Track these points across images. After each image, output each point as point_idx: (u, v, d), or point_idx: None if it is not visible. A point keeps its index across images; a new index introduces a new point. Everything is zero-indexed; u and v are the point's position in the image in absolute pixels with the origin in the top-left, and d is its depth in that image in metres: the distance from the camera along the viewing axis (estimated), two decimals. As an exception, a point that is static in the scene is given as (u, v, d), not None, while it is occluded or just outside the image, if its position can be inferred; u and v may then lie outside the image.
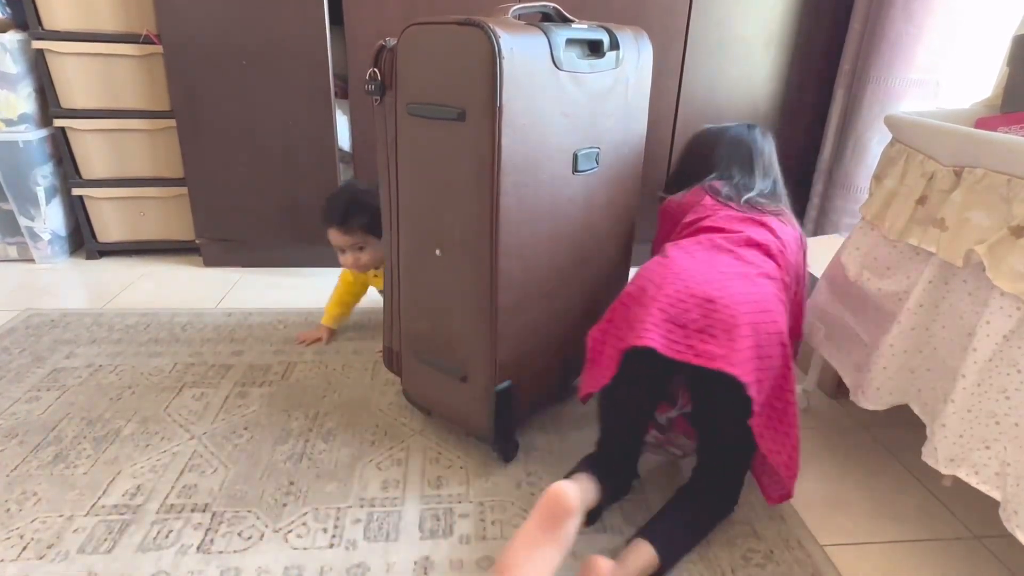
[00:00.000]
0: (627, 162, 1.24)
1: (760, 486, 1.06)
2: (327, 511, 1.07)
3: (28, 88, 1.90)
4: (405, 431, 1.29)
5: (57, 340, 1.58)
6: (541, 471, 1.19)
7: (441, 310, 1.13)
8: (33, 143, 1.92)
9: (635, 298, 0.95)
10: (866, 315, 1.18)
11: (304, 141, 1.92)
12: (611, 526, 1.06)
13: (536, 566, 0.78)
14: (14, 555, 0.96)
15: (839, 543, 1.06)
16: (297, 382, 1.45)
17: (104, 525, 1.02)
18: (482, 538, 1.03)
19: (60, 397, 1.34)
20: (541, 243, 1.09)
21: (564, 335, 1.24)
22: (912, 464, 1.25)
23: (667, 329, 0.88)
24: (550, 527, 0.81)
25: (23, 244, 2.04)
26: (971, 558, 1.05)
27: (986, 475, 0.91)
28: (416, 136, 1.04)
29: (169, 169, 2.05)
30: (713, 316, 0.87)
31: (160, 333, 1.63)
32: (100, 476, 1.13)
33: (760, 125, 1.33)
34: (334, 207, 1.44)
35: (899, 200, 1.08)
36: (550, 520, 0.82)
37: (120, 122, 1.97)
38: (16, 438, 1.21)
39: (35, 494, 1.08)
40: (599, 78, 1.09)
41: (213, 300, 1.86)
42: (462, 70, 0.94)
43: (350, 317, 1.69)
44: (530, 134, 0.99)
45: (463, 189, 1.00)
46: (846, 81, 2.01)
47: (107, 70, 1.90)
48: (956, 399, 0.92)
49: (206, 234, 2.05)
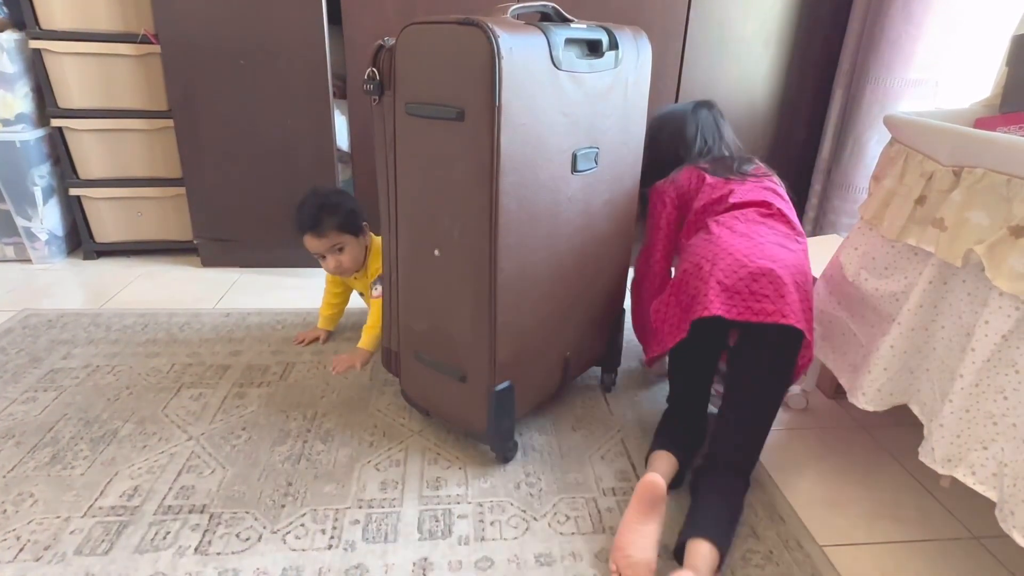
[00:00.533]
0: (626, 162, 1.24)
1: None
2: (325, 512, 1.07)
3: (25, 88, 1.90)
4: (404, 432, 1.29)
5: (54, 340, 1.57)
6: (540, 472, 1.18)
7: (440, 310, 1.13)
8: (30, 143, 1.92)
9: (692, 274, 1.12)
10: (863, 316, 1.18)
11: (302, 141, 1.92)
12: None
13: (644, 541, 0.96)
14: (10, 557, 0.95)
15: (838, 543, 1.06)
16: (295, 382, 1.44)
17: (101, 526, 1.02)
18: (481, 539, 1.03)
19: (57, 398, 1.34)
20: (540, 243, 1.09)
21: (564, 335, 1.24)
22: (911, 465, 1.25)
23: (727, 296, 1.06)
24: (647, 510, 0.98)
25: (20, 244, 2.04)
26: (970, 558, 1.05)
27: (983, 475, 0.91)
28: (415, 136, 1.04)
29: (167, 169, 2.05)
30: (762, 280, 1.06)
31: (158, 333, 1.62)
32: (97, 477, 1.12)
33: (707, 100, 1.43)
34: (304, 213, 1.43)
35: (898, 200, 1.08)
36: (647, 505, 0.98)
37: (117, 122, 1.96)
38: (13, 439, 1.21)
39: (32, 495, 1.07)
40: (598, 78, 1.09)
41: (211, 300, 1.86)
42: (461, 69, 0.94)
43: (348, 318, 1.69)
44: (529, 134, 0.99)
45: (462, 189, 1.00)
46: (845, 81, 2.01)
47: (105, 70, 1.90)
48: (954, 399, 0.92)
49: (204, 234, 2.05)
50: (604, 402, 1.42)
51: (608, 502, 1.12)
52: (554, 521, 1.07)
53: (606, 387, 1.46)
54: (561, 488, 1.15)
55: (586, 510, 1.10)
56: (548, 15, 1.08)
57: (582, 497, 1.13)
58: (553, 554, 1.00)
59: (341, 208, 1.44)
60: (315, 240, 1.44)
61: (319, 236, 1.43)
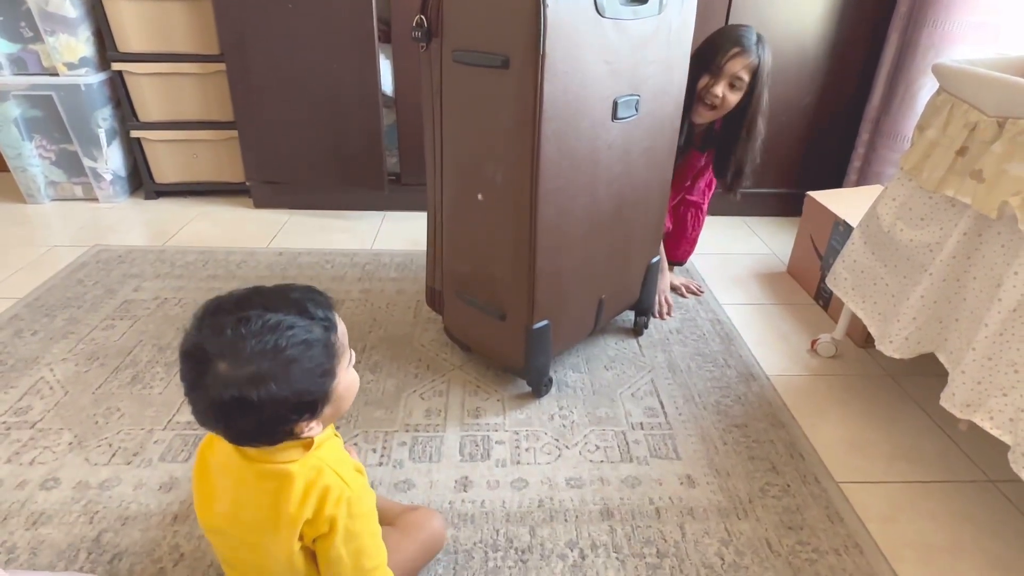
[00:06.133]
0: (666, 110, 1.25)
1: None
2: (376, 434, 1.17)
3: (87, 32, 1.98)
4: (446, 365, 1.38)
5: (125, 274, 1.70)
6: (572, 405, 1.26)
7: (482, 252, 1.19)
8: (93, 86, 2.01)
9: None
10: (896, 266, 1.19)
11: (348, 85, 1.96)
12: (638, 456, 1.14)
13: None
14: (105, 460, 1.09)
15: (854, 481, 1.12)
16: (345, 318, 1.50)
17: (180, 439, 1.14)
18: (516, 463, 1.12)
19: (132, 326, 1.47)
20: (580, 189, 1.13)
21: (600, 278, 1.29)
22: (935, 412, 1.29)
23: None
24: None
25: (87, 184, 2.16)
26: (983, 499, 1.09)
27: (1000, 420, 0.95)
28: (461, 83, 1.07)
29: (220, 112, 2.13)
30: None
31: (217, 270, 1.74)
32: (173, 397, 1.25)
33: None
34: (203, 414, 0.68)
35: (939, 151, 1.08)
36: None
37: (173, 66, 2.03)
38: (98, 360, 1.34)
39: (119, 410, 1.21)
40: (641, 24, 1.10)
41: (264, 240, 1.96)
42: (506, 17, 0.96)
43: (393, 259, 1.76)
44: (571, 82, 1.01)
45: (505, 135, 1.04)
46: (901, 24, 1.93)
47: (160, 12, 1.96)
48: (977, 347, 0.95)
49: (255, 176, 2.14)
50: (636, 344, 1.48)
51: (636, 435, 1.19)
52: (584, 450, 1.15)
53: (638, 331, 1.52)
54: (592, 421, 1.23)
55: (615, 442, 1.18)
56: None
57: (612, 430, 1.20)
58: (583, 478, 1.09)
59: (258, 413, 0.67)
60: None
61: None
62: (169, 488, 1.04)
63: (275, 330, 0.61)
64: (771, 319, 1.63)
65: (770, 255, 1.99)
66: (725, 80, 1.36)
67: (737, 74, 1.35)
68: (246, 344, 0.59)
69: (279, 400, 0.61)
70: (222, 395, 0.59)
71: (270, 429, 0.64)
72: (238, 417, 0.61)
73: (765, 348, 1.49)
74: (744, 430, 1.22)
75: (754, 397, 1.32)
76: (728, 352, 1.47)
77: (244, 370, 0.59)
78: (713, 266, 1.88)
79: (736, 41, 1.34)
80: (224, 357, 0.59)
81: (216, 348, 0.60)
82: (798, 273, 1.83)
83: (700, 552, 0.97)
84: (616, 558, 0.95)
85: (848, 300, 1.32)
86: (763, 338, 1.54)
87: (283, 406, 0.61)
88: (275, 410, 0.61)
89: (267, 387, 0.60)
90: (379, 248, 1.93)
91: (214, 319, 0.61)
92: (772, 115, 1.90)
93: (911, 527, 1.04)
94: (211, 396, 0.60)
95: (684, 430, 1.21)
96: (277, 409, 0.61)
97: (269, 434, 0.64)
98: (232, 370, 0.59)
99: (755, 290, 1.77)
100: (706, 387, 1.34)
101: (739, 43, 1.34)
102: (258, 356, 0.59)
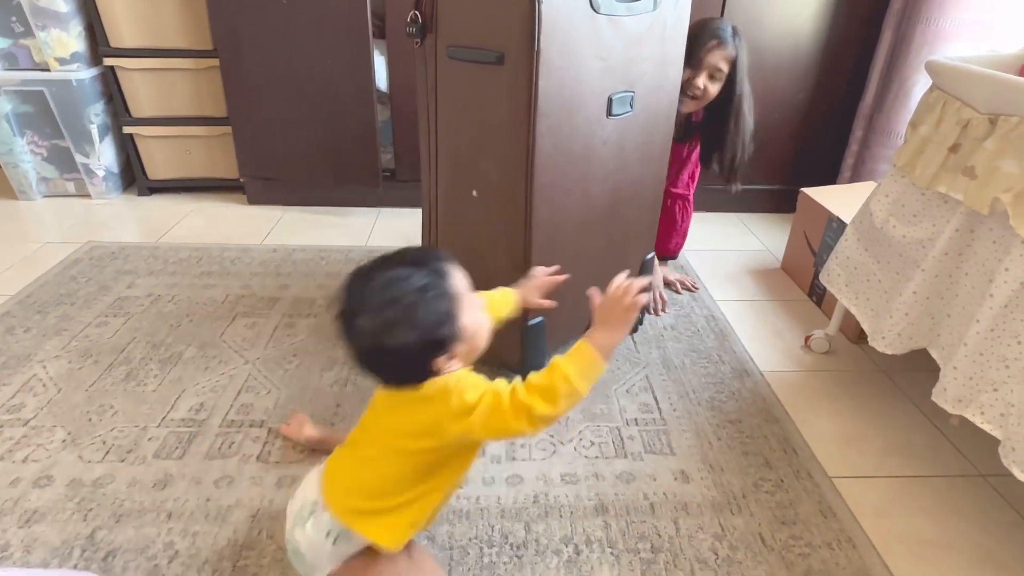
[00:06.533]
0: (661, 106, 1.25)
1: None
2: (371, 430, 1.17)
3: (79, 27, 1.96)
4: (441, 362, 1.37)
5: (119, 271, 1.70)
6: (568, 402, 1.27)
7: (477, 248, 1.19)
8: (85, 81, 2.00)
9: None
10: (888, 262, 1.20)
11: (343, 81, 1.95)
12: (631, 452, 1.15)
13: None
14: (99, 457, 1.09)
15: (847, 475, 1.13)
16: None
17: (174, 436, 1.14)
18: (512, 459, 1.12)
19: (126, 323, 1.46)
20: (574, 185, 1.13)
21: (595, 274, 1.29)
22: (927, 408, 1.29)
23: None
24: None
25: (80, 180, 2.15)
26: (974, 494, 1.10)
27: (991, 415, 0.95)
28: (455, 79, 1.07)
29: (213, 108, 2.11)
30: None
31: (211, 267, 1.73)
32: (167, 393, 1.25)
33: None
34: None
35: (932, 147, 1.08)
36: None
37: (166, 61, 2.02)
38: (91, 358, 1.34)
39: (112, 407, 1.20)
40: (636, 21, 1.10)
41: (258, 236, 1.95)
42: (501, 13, 0.96)
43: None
44: (566, 78, 1.01)
45: (500, 132, 1.04)
46: (895, 21, 1.94)
47: (153, 8, 1.94)
48: (969, 343, 0.96)
49: (249, 172, 2.13)
50: (631, 340, 1.48)
51: (631, 431, 1.20)
52: (579, 446, 1.16)
53: (633, 327, 1.52)
54: (587, 417, 1.23)
55: (609, 437, 1.18)
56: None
57: (606, 426, 1.21)
58: (577, 474, 1.09)
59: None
60: None
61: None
62: (163, 485, 1.04)
63: (394, 283, 0.71)
64: (765, 315, 1.64)
65: (764, 251, 2.00)
66: (706, 72, 1.42)
67: (717, 65, 1.42)
68: (372, 299, 0.71)
69: (409, 343, 0.70)
70: (363, 345, 0.72)
71: (412, 368, 0.74)
72: (382, 361, 0.73)
73: (759, 344, 1.50)
74: (738, 426, 1.23)
75: (748, 393, 1.32)
76: (722, 348, 1.47)
77: (375, 321, 0.70)
78: (707, 262, 1.89)
79: (713, 34, 1.41)
80: (358, 314, 0.71)
81: (351, 307, 0.72)
82: (792, 269, 1.84)
83: (694, 547, 0.97)
84: (611, 553, 0.95)
85: (841, 296, 1.33)
86: (757, 334, 1.54)
87: (414, 347, 0.71)
88: (409, 352, 0.71)
89: (396, 331, 0.70)
90: (374, 244, 1.92)
91: (350, 285, 0.73)
92: (766, 112, 1.91)
93: (903, 521, 1.05)
94: (356, 347, 0.72)
95: (678, 426, 1.22)
96: (410, 350, 0.71)
97: (412, 373, 0.74)
98: (366, 322, 0.70)
99: (749, 286, 1.78)
100: (700, 383, 1.35)
101: (716, 35, 1.41)
102: (383, 306, 0.70)
